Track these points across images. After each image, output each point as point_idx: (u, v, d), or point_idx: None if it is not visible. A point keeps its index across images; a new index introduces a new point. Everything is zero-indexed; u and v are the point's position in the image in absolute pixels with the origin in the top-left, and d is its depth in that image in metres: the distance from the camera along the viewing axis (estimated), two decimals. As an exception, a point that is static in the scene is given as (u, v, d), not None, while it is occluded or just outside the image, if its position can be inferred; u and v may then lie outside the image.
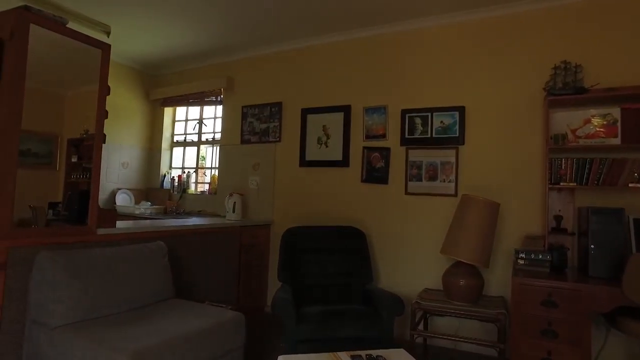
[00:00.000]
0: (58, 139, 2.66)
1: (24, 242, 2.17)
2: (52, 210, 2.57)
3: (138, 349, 1.80)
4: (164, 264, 2.67)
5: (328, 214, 3.92)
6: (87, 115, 2.64)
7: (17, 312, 2.16)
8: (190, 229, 3.21)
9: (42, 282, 2.10)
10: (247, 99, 4.54)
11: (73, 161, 2.69)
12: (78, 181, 2.70)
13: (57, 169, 2.66)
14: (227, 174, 4.61)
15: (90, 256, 2.29)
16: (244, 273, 3.82)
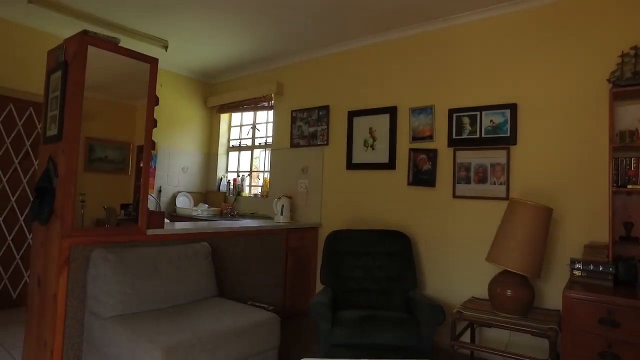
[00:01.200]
0: (129, 146, 2.90)
1: (83, 240, 2.39)
2: (123, 210, 2.82)
3: (171, 342, 1.91)
4: (207, 264, 2.80)
5: (374, 217, 3.87)
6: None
7: (78, 302, 2.39)
8: (236, 231, 3.33)
9: (96, 276, 2.30)
10: (296, 104, 4.63)
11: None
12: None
13: (128, 173, 2.91)
14: (278, 177, 4.73)
15: (138, 255, 2.47)
16: (290, 275, 3.89)
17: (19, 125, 4.00)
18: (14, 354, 2.90)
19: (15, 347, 3.01)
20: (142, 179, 2.71)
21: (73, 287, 2.36)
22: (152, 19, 3.81)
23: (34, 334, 2.53)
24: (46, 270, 2.46)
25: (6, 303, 3.92)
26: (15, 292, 3.98)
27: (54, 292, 2.34)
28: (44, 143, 2.66)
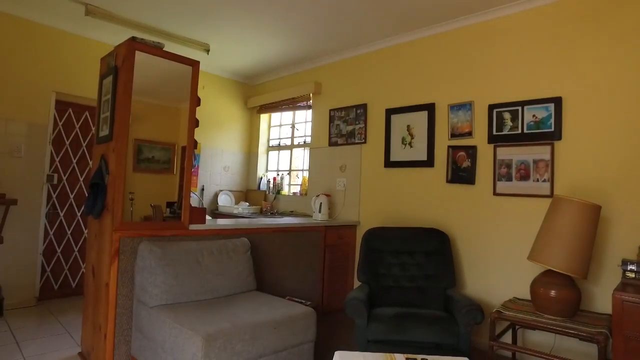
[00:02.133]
0: (174, 147, 3.06)
1: (131, 233, 2.55)
2: (169, 208, 2.98)
3: (211, 331, 2.00)
4: (247, 258, 2.89)
5: (411, 215, 3.84)
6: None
7: (127, 290, 2.55)
8: (275, 228, 3.42)
9: (143, 267, 2.45)
10: (334, 102, 4.67)
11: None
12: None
13: (174, 173, 3.07)
14: (316, 175, 4.79)
15: (181, 248, 2.60)
16: (327, 272, 3.94)
17: (76, 128, 4.30)
18: (75, 337, 3.13)
19: (76, 331, 3.25)
20: (185, 175, 2.85)
21: (123, 277, 2.53)
22: (194, 24, 3.98)
23: (90, 319, 2.73)
24: (99, 261, 2.64)
25: (67, 292, 4.22)
26: (75, 282, 4.28)
27: (106, 281, 2.51)
28: (97, 143, 2.86)
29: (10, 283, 3.75)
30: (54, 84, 4.08)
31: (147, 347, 2.35)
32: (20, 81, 3.87)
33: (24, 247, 3.87)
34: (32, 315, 3.65)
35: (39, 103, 3.98)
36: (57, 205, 4.17)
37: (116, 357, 2.50)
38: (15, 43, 3.86)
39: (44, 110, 4.02)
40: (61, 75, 4.12)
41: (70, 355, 2.82)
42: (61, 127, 4.20)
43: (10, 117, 3.81)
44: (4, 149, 3.78)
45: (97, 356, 2.56)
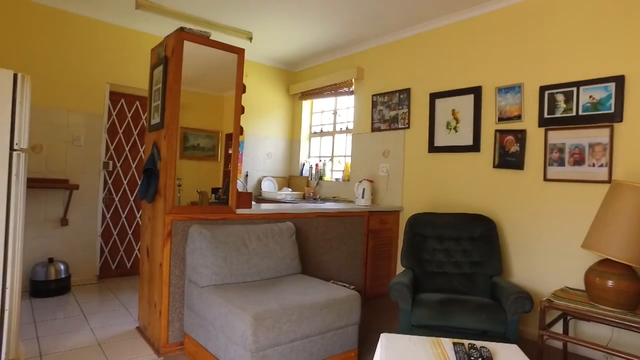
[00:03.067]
0: (219, 135, 3.16)
1: (182, 217, 2.67)
2: (214, 194, 3.09)
3: (260, 310, 2.07)
4: (292, 242, 2.95)
5: (456, 200, 3.76)
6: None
7: (179, 271, 2.68)
8: (319, 212, 3.46)
9: (193, 249, 2.56)
10: (377, 88, 4.62)
11: (229, 153, 3.18)
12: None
13: (218, 160, 3.18)
14: (359, 161, 4.78)
15: (229, 231, 2.69)
16: (370, 258, 3.95)
17: (128, 117, 4.52)
18: (132, 313, 3.34)
19: (132, 308, 3.46)
20: (232, 160, 2.93)
21: (175, 257, 2.66)
22: (238, 13, 4.04)
23: (146, 297, 2.90)
24: (153, 243, 2.79)
25: (123, 271, 4.49)
26: (129, 262, 4.55)
27: (160, 261, 2.65)
28: (149, 131, 3.00)
29: (75, 262, 4.04)
30: (108, 76, 4.29)
31: (198, 324, 2.47)
32: (79, 75, 4.09)
33: (86, 229, 4.14)
34: (94, 291, 3.92)
35: (95, 94, 4.20)
36: (112, 190, 4.42)
37: (170, 333, 2.65)
38: (74, 39, 4.08)
39: (100, 101, 4.24)
40: (114, 68, 4.32)
41: (129, 329, 3.01)
42: (115, 116, 4.42)
43: (72, 108, 4.05)
44: (66, 138, 4.03)
45: (153, 331, 2.72)
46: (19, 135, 2.09)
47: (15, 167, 2.07)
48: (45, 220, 3.91)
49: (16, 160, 2.07)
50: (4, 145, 2.04)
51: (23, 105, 2.11)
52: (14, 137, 2.08)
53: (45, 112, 3.90)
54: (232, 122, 3.00)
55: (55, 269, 3.75)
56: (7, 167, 2.04)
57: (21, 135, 2.10)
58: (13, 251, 2.08)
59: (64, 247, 4.00)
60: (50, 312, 3.32)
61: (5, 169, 2.03)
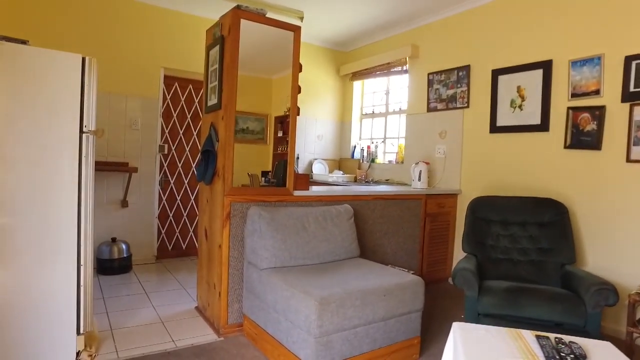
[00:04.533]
0: (267, 118, 3.12)
1: (240, 198, 2.65)
2: (264, 177, 3.07)
3: (324, 295, 2.02)
4: (350, 225, 2.88)
5: (522, 183, 3.53)
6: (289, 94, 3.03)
7: (238, 253, 2.68)
8: (375, 195, 3.35)
9: (253, 231, 2.54)
10: (433, 66, 4.39)
11: (279, 136, 3.14)
12: (283, 153, 3.15)
13: (267, 143, 3.15)
14: (414, 143, 4.61)
15: (288, 213, 2.65)
16: (427, 242, 3.81)
17: (181, 101, 4.57)
18: (190, 293, 3.41)
19: (190, 288, 3.54)
20: (289, 141, 2.87)
21: (234, 239, 2.65)
22: (290, -9, 3.93)
23: (204, 278, 2.93)
24: (211, 225, 2.80)
25: (179, 252, 4.62)
26: (185, 244, 4.66)
27: (219, 243, 2.66)
28: (205, 112, 2.99)
29: (134, 242, 4.18)
30: (162, 60, 4.34)
31: (258, 307, 2.46)
32: (135, 60, 4.17)
33: (144, 211, 4.26)
34: (152, 271, 4.05)
35: (150, 79, 4.27)
36: (167, 173, 4.51)
37: (230, 314, 2.67)
38: (130, 25, 4.14)
39: (155, 85, 4.30)
40: (167, 52, 4.36)
41: (188, 309, 3.08)
42: (169, 100, 4.49)
43: (129, 93, 4.14)
44: (125, 123, 4.14)
45: (213, 312, 2.75)
46: (87, 118, 2.13)
47: (85, 149, 2.11)
48: (108, 201, 4.06)
49: (85, 142, 2.11)
50: (75, 127, 2.07)
51: (91, 88, 2.13)
52: (83, 119, 2.11)
53: (105, 97, 4.01)
54: (280, 104, 2.96)
55: (118, 249, 3.89)
56: (78, 148, 2.08)
57: (89, 118, 2.13)
58: (85, 230, 2.14)
59: (124, 228, 4.15)
60: (115, 289, 3.45)
61: (76, 151, 2.07)
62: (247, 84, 2.95)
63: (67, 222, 2.07)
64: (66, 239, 2.07)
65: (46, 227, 2.02)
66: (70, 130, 2.05)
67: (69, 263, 2.08)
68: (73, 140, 2.06)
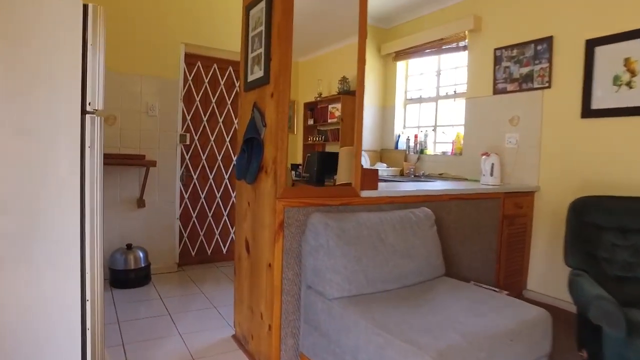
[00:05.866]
0: (294, 104, 2.52)
1: (297, 202, 2.02)
2: (293, 171, 2.46)
3: (440, 347, 1.38)
4: (433, 234, 2.23)
5: (632, 181, 2.84)
6: (319, 78, 2.50)
7: (294, 274, 2.05)
8: (451, 195, 2.70)
9: (316, 247, 1.90)
10: (501, 39, 3.69)
11: (309, 124, 2.62)
12: (314, 143, 2.66)
13: (294, 132, 2.56)
14: (475, 131, 3.92)
15: (359, 221, 2.01)
16: (504, 250, 3.15)
17: (205, 83, 3.94)
18: (222, 313, 2.80)
19: (221, 305, 2.94)
20: (356, 126, 2.23)
21: (288, 256, 2.02)
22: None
23: (245, 302, 2.31)
24: (256, 235, 2.17)
25: (203, 258, 4.01)
26: (210, 249, 4.05)
27: (269, 261, 2.03)
28: (245, 90, 2.35)
29: (153, 248, 3.58)
30: (183, 35, 3.70)
31: (325, 348, 1.83)
32: (151, 34, 3.53)
33: (164, 211, 3.66)
34: (174, 282, 3.45)
35: (169, 57, 3.64)
36: (190, 167, 3.90)
37: (283, 352, 2.04)
38: (144, -11, 3.50)
39: (174, 64, 3.67)
40: (189, 25, 3.71)
41: (224, 338, 2.47)
42: (191, 82, 3.86)
43: (145, 73, 3.52)
44: (140, 108, 3.52)
45: (259, 347, 2.13)
46: (92, 93, 1.49)
47: (90, 136, 1.47)
48: (122, 201, 3.46)
49: (90, 126, 1.48)
50: (74, 106, 1.44)
51: (97, 48, 1.50)
52: (86, 95, 1.48)
53: (117, 79, 3.39)
54: (309, 90, 2.40)
55: (135, 257, 3.30)
56: (80, 135, 1.46)
57: (95, 92, 1.50)
58: (91, 242, 1.51)
59: (141, 232, 3.55)
60: (132, 308, 2.86)
61: (76, 139, 1.45)
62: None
63: (64, 226, 1.44)
64: (63, 246, 1.45)
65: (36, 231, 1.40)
66: (68, 109, 1.42)
67: (68, 278, 1.46)
68: (72, 124, 1.43)
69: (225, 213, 4.09)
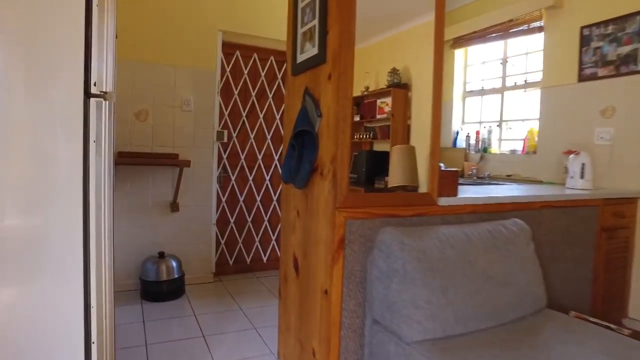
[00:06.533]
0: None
1: (361, 213, 1.58)
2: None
3: None
4: (531, 253, 1.74)
5: None
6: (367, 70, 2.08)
7: (356, 304, 1.62)
8: (543, 202, 2.19)
9: (389, 272, 1.46)
10: (591, 15, 3.10)
11: (355, 121, 2.15)
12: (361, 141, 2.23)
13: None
14: (554, 126, 3.35)
15: (440, 238, 1.55)
16: (603, 268, 2.59)
17: (244, 74, 3.58)
18: (264, 337, 2.41)
19: (261, 326, 2.56)
20: (432, 119, 1.77)
21: (349, 281, 1.59)
22: None
23: (293, 333, 1.90)
24: (308, 252, 1.76)
25: (241, 267, 3.66)
26: (249, 257, 3.69)
27: (324, 287, 1.60)
28: (293, 74, 1.94)
29: (187, 256, 3.26)
30: (220, 22, 3.35)
31: (401, 405, 1.39)
32: (184, 21, 3.21)
33: (199, 215, 3.32)
34: (210, 295, 3.10)
35: (204, 45, 3.30)
36: (227, 167, 3.55)
37: (341, 400, 1.62)
38: (179, -29, 3.18)
39: (210, 54, 3.33)
40: (227, 11, 3.36)
41: (267, 372, 2.07)
42: (229, 73, 3.51)
43: (179, 64, 3.20)
44: (174, 102, 3.20)
45: (311, 391, 1.72)
46: (98, 69, 1.12)
47: (95, 126, 1.10)
48: (154, 205, 3.15)
49: (95, 113, 1.10)
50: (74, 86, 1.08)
51: (105, 10, 1.12)
52: (90, 72, 1.11)
53: (148, 70, 3.08)
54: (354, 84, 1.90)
55: (167, 267, 2.97)
56: (82, 126, 1.09)
57: (103, 70, 1.13)
58: (98, 260, 1.14)
59: (175, 239, 3.23)
60: (163, 327, 2.52)
61: (78, 129, 1.08)
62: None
63: (60, 232, 1.08)
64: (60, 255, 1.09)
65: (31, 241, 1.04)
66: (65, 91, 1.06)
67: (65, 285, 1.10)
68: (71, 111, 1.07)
69: (267, 218, 3.72)
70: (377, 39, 2.14)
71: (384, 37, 2.09)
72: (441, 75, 1.79)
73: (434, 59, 1.79)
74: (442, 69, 1.78)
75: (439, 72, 1.77)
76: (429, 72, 1.96)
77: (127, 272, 3.07)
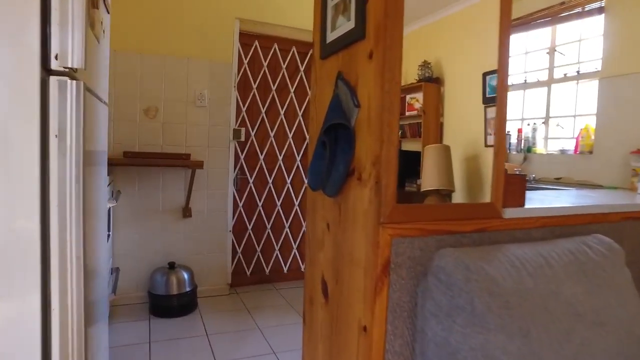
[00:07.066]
0: None
1: (410, 230, 1.24)
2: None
3: None
4: (627, 280, 1.37)
5: None
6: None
7: (402, 345, 1.27)
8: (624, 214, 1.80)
9: (450, 308, 1.12)
10: (662, -7, 2.69)
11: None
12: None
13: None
14: (616, 121, 2.94)
15: (512, 262, 1.20)
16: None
17: (264, 67, 3.28)
18: (284, 371, 2.11)
19: (282, 350, 2.25)
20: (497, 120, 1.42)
21: (394, 316, 1.25)
22: None
23: (321, 371, 1.57)
24: (340, 276, 1.42)
25: (259, 278, 3.36)
26: (268, 267, 3.39)
27: (363, 322, 1.27)
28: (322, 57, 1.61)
29: (200, 266, 2.98)
30: (237, 9, 3.05)
31: None
32: (198, 8, 2.92)
33: (214, 222, 3.04)
34: (226, 309, 2.81)
35: (220, 35, 3.01)
36: (245, 169, 3.25)
37: None
38: (192, -47, 2.89)
39: (227, 44, 3.04)
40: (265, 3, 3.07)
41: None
42: (246, 65, 3.21)
43: (192, 55, 2.92)
44: (186, 97, 2.92)
45: None
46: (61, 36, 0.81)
47: (57, 115, 0.79)
48: (164, 210, 2.87)
49: (57, 97, 0.79)
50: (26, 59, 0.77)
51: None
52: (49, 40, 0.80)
53: (158, 61, 2.80)
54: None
55: (178, 279, 2.69)
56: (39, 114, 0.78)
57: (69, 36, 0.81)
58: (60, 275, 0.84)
59: (186, 248, 2.95)
60: (170, 350, 2.23)
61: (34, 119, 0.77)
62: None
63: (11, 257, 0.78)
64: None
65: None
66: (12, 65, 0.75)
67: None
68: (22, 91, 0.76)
69: (287, 224, 3.40)
70: (405, 31, 1.81)
71: (412, 29, 1.75)
72: (507, 61, 1.44)
73: (499, 40, 1.44)
74: (508, 54, 1.43)
75: (504, 57, 1.42)
76: (464, 66, 1.64)
77: (134, 285, 2.80)
